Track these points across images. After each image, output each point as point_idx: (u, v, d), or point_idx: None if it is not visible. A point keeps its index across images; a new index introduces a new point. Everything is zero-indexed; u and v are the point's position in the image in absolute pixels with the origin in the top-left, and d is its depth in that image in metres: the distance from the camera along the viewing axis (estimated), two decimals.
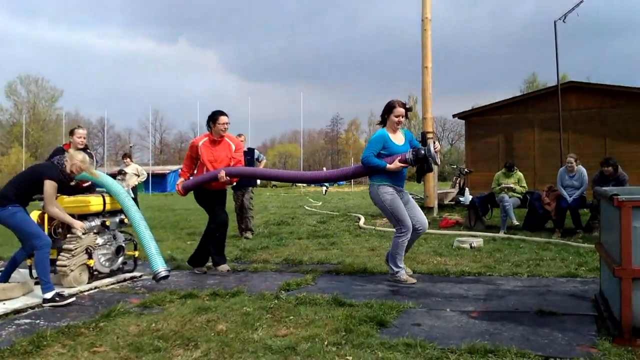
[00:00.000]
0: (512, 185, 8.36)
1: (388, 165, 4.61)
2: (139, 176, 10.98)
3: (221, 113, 5.31)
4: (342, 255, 6.26)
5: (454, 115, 14.52)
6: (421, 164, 4.75)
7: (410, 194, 16.06)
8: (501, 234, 7.62)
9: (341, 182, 49.72)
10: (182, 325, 3.47)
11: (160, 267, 4.62)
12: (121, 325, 3.48)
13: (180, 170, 5.79)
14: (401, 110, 4.71)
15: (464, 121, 14.50)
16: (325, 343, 2.98)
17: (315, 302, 3.88)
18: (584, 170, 7.66)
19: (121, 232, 5.31)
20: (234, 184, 5.69)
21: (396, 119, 4.73)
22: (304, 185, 45.38)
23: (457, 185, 14.19)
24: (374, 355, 2.80)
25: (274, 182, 51.40)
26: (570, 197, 7.56)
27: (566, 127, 11.44)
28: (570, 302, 3.81)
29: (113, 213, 5.14)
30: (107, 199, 5.03)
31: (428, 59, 10.54)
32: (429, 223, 9.38)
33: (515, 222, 8.10)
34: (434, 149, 4.66)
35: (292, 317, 3.56)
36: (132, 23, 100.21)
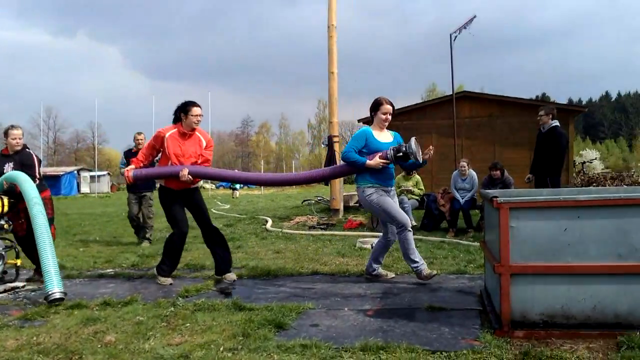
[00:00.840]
0: (410, 188, 8.76)
1: (368, 162, 4.46)
2: None
3: (194, 104, 4.81)
4: (247, 258, 6.19)
5: (359, 120, 14.93)
6: (402, 161, 4.55)
7: (318, 198, 16.11)
8: None
9: (251, 185, 49.29)
10: (66, 338, 3.23)
11: (55, 288, 4.13)
12: None
13: (134, 158, 5.15)
14: (389, 108, 4.60)
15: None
16: (221, 349, 2.92)
17: (214, 308, 3.79)
18: (474, 174, 8.21)
19: (1, 239, 4.86)
20: (197, 185, 5.11)
21: (383, 116, 4.60)
22: (213, 187, 44.48)
23: None
24: (269, 358, 2.79)
25: None
26: (462, 199, 8.07)
27: (460, 134, 12.20)
28: (458, 297, 4.04)
29: None
30: None
31: (334, 65, 10.76)
32: (334, 225, 9.71)
33: (414, 223, 8.47)
34: (415, 145, 4.42)
35: (188, 324, 3.45)
36: (26, 13, 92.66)
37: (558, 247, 3.00)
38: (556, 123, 6.74)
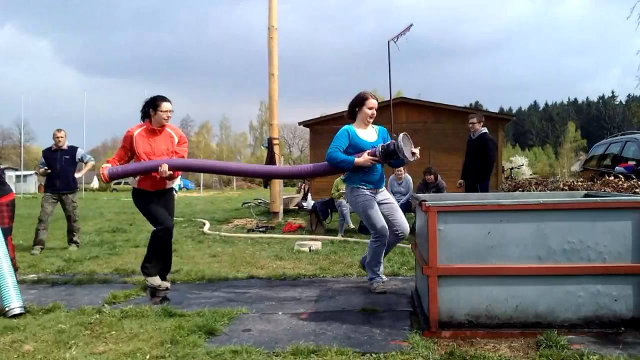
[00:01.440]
0: None
1: (356, 159, 4.16)
2: None
3: (163, 99, 4.54)
4: (182, 262, 6.04)
5: (299, 123, 15.00)
6: (392, 159, 4.23)
7: (258, 200, 15.94)
8: (339, 237, 8.02)
9: (190, 187, 48.15)
10: None
11: (14, 303, 3.80)
12: None
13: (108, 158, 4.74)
14: (374, 102, 4.33)
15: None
16: (147, 357, 2.82)
17: (143, 314, 3.66)
18: (409, 178, 8.44)
19: None
20: (173, 185, 4.77)
21: (369, 112, 4.31)
22: None
23: (302, 190, 14.68)
24: None
25: (114, 186, 47.47)
26: (398, 202, 8.24)
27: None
28: (391, 299, 4.12)
29: None
30: None
31: (274, 67, 10.72)
32: (273, 228, 9.67)
33: (352, 226, 8.61)
34: (405, 141, 4.13)
35: (114, 332, 3.31)
36: None
37: (482, 249, 3.12)
38: (485, 130, 7.04)
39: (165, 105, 4.55)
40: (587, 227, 3.08)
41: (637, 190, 4.92)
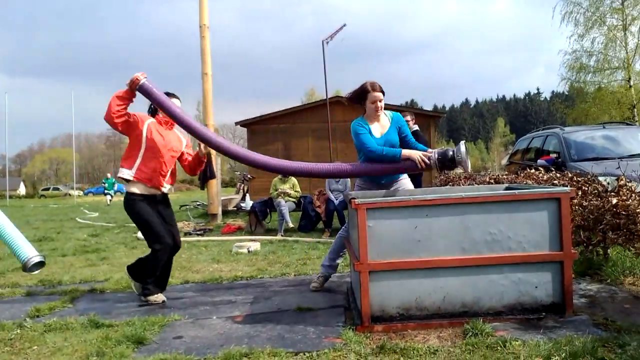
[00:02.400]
0: (287, 190, 8.87)
1: (404, 152, 3.83)
2: None
3: (173, 95, 4.27)
4: (112, 271, 5.79)
5: (236, 123, 14.82)
6: (446, 168, 3.81)
7: (196, 202, 15.58)
8: (278, 237, 8.00)
9: (124, 190, 46.38)
10: None
11: (31, 253, 3.54)
12: None
13: None
14: (378, 95, 3.98)
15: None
16: None
17: (67, 327, 3.48)
18: None
19: None
20: (169, 189, 4.36)
21: (373, 106, 4.00)
22: (80, 194, 41.15)
23: (242, 191, 14.51)
24: None
25: (42, 192, 45.05)
26: (336, 199, 8.34)
27: (335, 137, 12.63)
28: (327, 296, 4.15)
29: None
30: None
31: (207, 66, 10.54)
32: (212, 230, 9.49)
33: (291, 225, 8.61)
34: (465, 150, 3.67)
35: (35, 347, 3.14)
36: None
37: (411, 243, 3.20)
38: (416, 127, 7.23)
39: (173, 102, 4.22)
40: (507, 219, 3.23)
41: (555, 182, 5.21)
